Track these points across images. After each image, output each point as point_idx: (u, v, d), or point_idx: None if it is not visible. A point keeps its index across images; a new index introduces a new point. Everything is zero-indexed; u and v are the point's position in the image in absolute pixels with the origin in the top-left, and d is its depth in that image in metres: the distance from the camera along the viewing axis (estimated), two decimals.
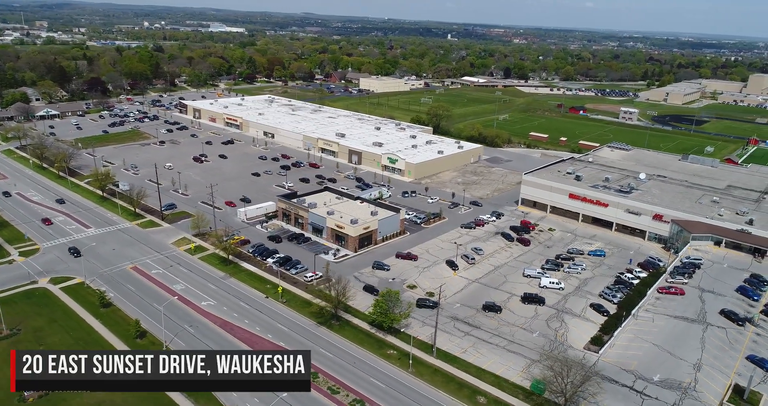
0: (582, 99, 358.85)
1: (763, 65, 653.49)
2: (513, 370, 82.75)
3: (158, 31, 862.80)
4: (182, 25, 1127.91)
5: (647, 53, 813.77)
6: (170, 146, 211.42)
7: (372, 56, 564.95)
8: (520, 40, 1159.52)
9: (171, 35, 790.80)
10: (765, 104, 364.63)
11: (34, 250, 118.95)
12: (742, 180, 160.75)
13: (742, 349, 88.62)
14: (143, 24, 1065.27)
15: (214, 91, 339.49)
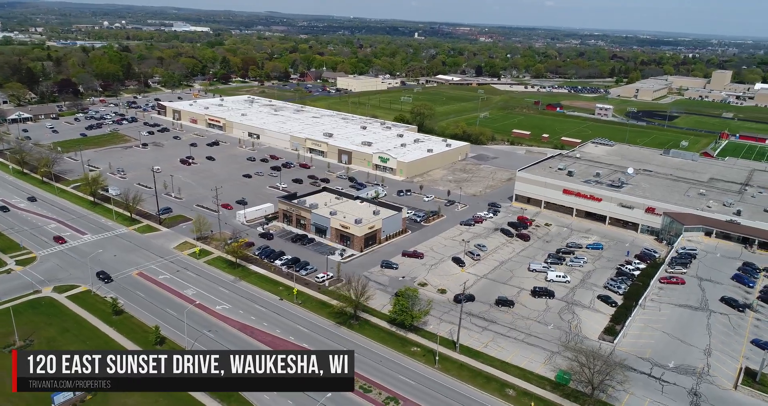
0: (556, 96, 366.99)
1: (721, 62, 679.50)
2: (535, 362, 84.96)
3: (120, 31, 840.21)
4: (144, 24, 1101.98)
5: (610, 51, 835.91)
6: (154, 149, 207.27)
7: (343, 55, 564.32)
8: (486, 39, 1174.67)
9: (134, 35, 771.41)
10: (728, 99, 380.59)
11: (31, 258, 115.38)
12: (723, 173, 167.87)
13: (745, 334, 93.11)
14: (103, 23, 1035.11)
15: (190, 92, 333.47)
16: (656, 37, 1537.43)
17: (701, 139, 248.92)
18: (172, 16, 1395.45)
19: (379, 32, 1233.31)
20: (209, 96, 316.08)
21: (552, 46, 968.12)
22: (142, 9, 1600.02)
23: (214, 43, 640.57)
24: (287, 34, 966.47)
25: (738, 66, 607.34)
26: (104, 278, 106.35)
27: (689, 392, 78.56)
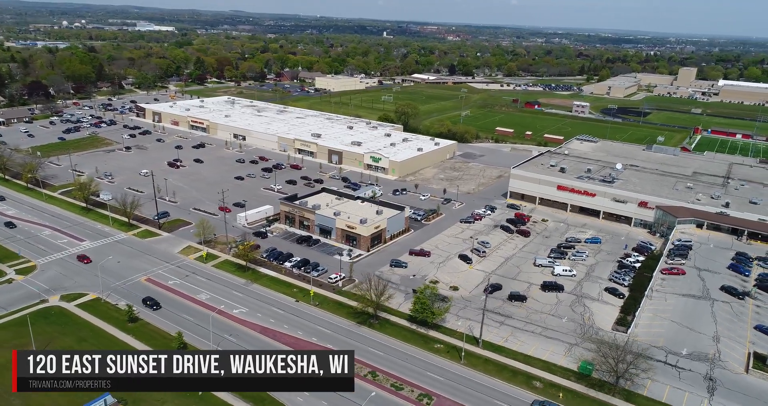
0: (533, 94, 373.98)
1: (681, 59, 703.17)
2: (556, 354, 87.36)
3: (82, 31, 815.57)
4: (105, 23, 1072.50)
5: (576, 49, 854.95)
6: (138, 152, 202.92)
7: (315, 55, 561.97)
8: (453, 37, 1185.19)
9: (97, 35, 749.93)
10: (695, 95, 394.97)
11: (31, 267, 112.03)
12: (704, 166, 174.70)
13: (748, 320, 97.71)
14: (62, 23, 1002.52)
15: (166, 94, 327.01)
16: (617, 35, 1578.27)
17: (675, 134, 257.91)
18: (133, 16, 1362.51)
19: (347, 31, 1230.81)
20: (186, 97, 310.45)
21: (518, 44, 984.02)
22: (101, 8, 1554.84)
23: (183, 42, 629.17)
24: (255, 34, 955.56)
25: (698, 63, 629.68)
26: (152, 305, 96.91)
27: (704, 377, 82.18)
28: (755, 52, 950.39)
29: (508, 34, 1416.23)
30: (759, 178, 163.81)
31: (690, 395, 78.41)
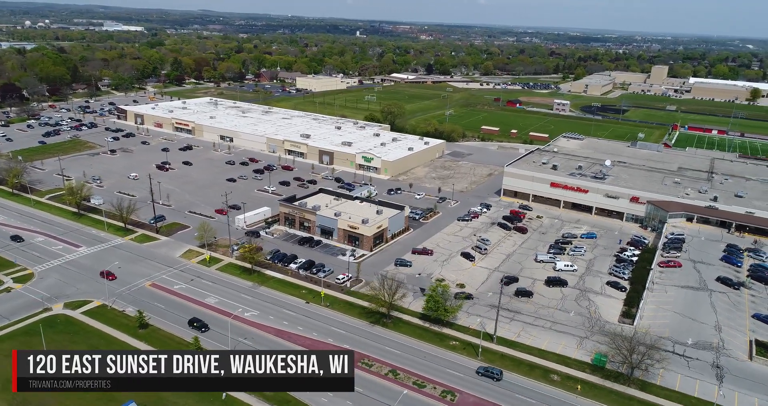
0: (513, 93, 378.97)
1: (650, 57, 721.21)
2: (569, 347, 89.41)
3: (47, 31, 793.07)
4: (70, 23, 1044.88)
5: (547, 48, 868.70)
6: (124, 155, 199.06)
7: (291, 55, 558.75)
8: (426, 37, 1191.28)
9: (64, 35, 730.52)
10: (668, 93, 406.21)
11: (29, 275, 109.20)
12: (688, 162, 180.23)
13: (746, 309, 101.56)
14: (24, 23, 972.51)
15: (144, 95, 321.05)
16: (585, 34, 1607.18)
17: (654, 131, 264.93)
18: (99, 15, 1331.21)
19: (319, 31, 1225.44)
20: (166, 99, 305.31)
21: (491, 43, 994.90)
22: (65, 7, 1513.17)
23: (154, 43, 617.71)
24: (227, 34, 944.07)
25: (666, 61, 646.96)
26: (200, 327, 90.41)
27: (712, 366, 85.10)
28: (717, 50, 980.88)
29: (480, 33, 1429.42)
30: (740, 172, 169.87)
31: (701, 382, 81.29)
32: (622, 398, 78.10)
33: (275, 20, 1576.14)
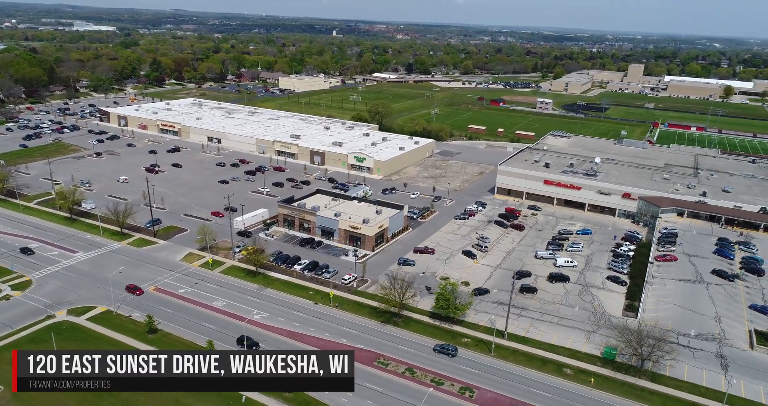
0: (495, 92, 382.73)
1: (623, 56, 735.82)
2: (578, 342, 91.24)
3: (15, 31, 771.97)
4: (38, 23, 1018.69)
5: (523, 47, 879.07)
6: (110, 158, 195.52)
7: (270, 54, 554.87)
8: (403, 36, 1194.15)
9: (33, 35, 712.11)
10: (645, 91, 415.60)
11: (26, 282, 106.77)
12: (673, 158, 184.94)
13: (742, 300, 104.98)
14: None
15: (125, 96, 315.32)
16: (558, 33, 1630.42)
17: (635, 128, 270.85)
18: (68, 15, 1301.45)
19: (295, 30, 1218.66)
20: (148, 100, 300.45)
21: (467, 42, 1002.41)
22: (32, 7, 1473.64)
23: (129, 43, 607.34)
24: (201, 33, 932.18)
25: (639, 59, 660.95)
26: (251, 346, 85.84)
27: (716, 355, 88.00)
28: (686, 49, 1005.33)
29: (455, 32, 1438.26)
30: (724, 167, 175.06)
31: (707, 372, 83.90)
32: (634, 390, 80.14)
33: (250, 20, 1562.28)
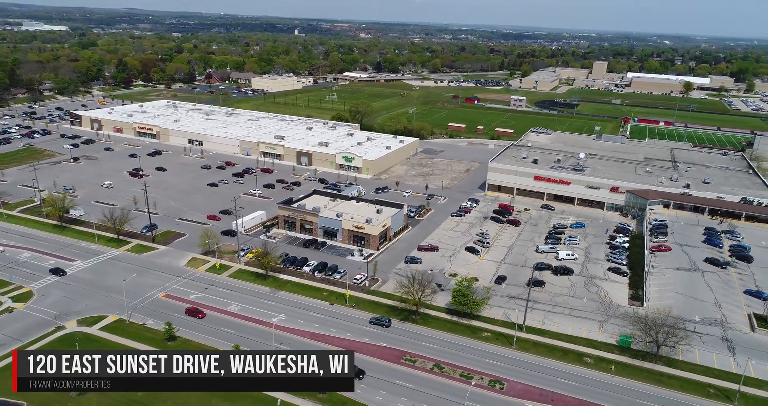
0: (468, 90, 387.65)
1: (583, 54, 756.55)
2: (592, 331, 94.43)
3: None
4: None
5: (486, 45, 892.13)
6: (89, 163, 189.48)
7: (235, 54, 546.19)
8: (365, 35, 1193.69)
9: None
10: (609, 87, 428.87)
11: (27, 293, 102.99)
12: (651, 152, 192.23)
13: (736, 286, 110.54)
14: None
15: (92, 99, 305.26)
16: (516, 31, 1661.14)
17: (607, 124, 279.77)
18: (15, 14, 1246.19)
19: (256, 29, 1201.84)
20: (117, 102, 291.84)
21: (429, 41, 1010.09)
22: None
23: (86, 43, 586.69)
24: (158, 33, 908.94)
25: (597, 57, 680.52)
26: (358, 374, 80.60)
27: (722, 339, 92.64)
28: (639, 46, 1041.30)
29: (417, 31, 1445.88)
30: (699, 160, 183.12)
31: (717, 355, 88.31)
32: (653, 375, 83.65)
33: (208, 19, 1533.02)
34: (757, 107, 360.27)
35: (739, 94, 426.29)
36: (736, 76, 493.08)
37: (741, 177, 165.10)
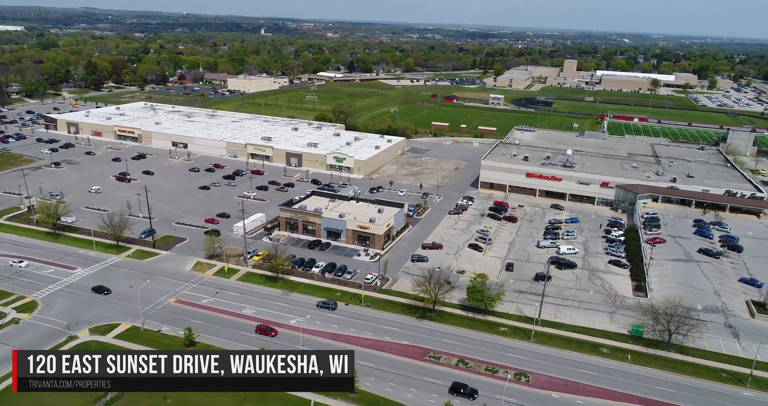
0: (446, 89, 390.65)
1: (550, 52, 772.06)
2: (604, 322, 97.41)
3: None
4: None
5: (454, 44, 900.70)
6: (71, 168, 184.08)
7: (204, 54, 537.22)
8: (332, 34, 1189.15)
9: None
10: (581, 85, 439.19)
11: (31, 304, 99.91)
12: (633, 148, 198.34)
13: (731, 275, 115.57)
14: None
15: (64, 101, 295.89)
16: (481, 30, 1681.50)
17: (583, 120, 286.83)
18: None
19: (220, 29, 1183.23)
20: (90, 105, 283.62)
21: (397, 40, 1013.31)
22: None
23: (47, 44, 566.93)
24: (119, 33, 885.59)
25: (563, 55, 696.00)
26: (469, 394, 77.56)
27: (725, 326, 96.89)
28: (601, 44, 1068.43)
29: (383, 30, 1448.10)
30: (679, 155, 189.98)
31: (723, 341, 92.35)
32: (668, 362, 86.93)
33: (170, 18, 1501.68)
34: (721, 103, 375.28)
35: (703, 90, 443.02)
36: (698, 73, 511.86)
37: (721, 170, 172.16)
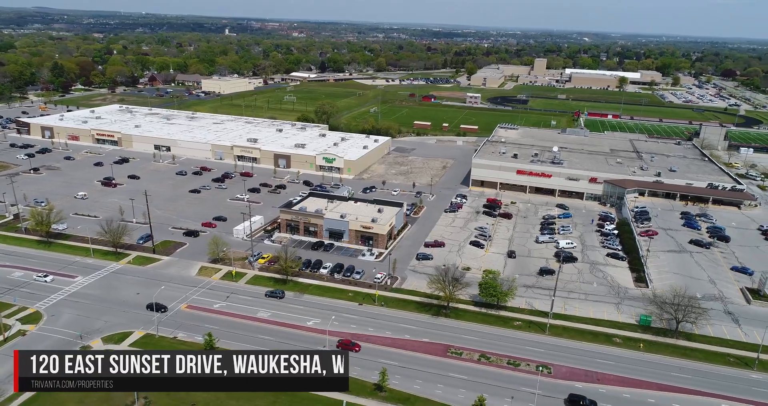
0: (422, 88, 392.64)
1: (516, 51, 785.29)
2: (612, 313, 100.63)
3: None
4: None
5: (421, 44, 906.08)
6: (52, 173, 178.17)
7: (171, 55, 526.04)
8: (298, 34, 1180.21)
9: None
10: (551, 83, 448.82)
11: (35, 315, 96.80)
12: (614, 144, 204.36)
13: (723, 264, 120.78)
14: None
15: (32, 105, 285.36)
16: (445, 29, 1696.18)
17: (560, 118, 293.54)
18: None
19: (182, 29, 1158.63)
20: (60, 108, 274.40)
21: (363, 39, 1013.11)
22: None
23: (3, 45, 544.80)
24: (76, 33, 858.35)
25: (529, 54, 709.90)
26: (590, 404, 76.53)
27: (724, 312, 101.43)
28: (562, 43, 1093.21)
29: (349, 29, 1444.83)
30: (658, 150, 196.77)
31: (725, 326, 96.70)
32: (678, 349, 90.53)
33: (129, 18, 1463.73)
34: (687, 99, 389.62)
35: (668, 87, 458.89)
36: (662, 70, 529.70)
37: (699, 164, 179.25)
